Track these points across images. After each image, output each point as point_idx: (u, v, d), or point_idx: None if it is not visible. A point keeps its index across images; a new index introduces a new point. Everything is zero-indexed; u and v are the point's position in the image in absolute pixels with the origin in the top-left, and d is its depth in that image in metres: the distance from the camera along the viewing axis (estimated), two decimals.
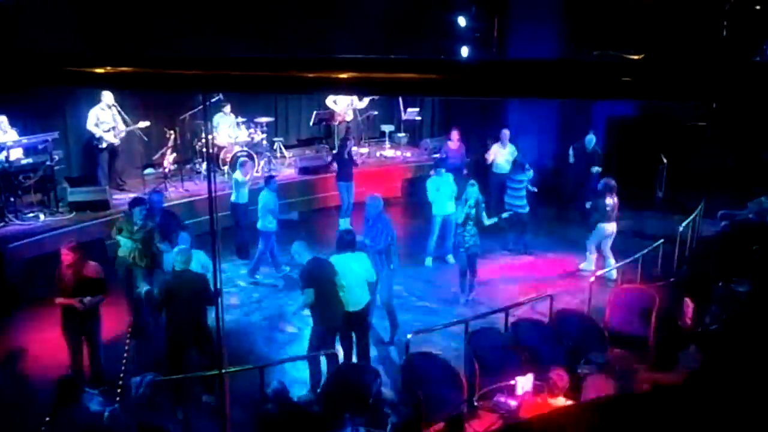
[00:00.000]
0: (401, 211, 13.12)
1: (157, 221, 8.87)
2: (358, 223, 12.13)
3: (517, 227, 11.33)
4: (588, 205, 10.65)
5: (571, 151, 12.43)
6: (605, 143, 13.34)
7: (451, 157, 12.22)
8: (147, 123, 11.94)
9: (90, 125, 11.48)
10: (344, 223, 12.34)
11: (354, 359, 7.66)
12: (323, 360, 7.46)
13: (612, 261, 10.26)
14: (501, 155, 12.39)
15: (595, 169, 12.07)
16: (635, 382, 6.63)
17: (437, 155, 13.01)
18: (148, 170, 12.88)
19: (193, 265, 7.51)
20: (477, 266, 9.70)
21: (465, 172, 11.90)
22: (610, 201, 10.14)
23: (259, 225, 10.28)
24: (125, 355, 7.50)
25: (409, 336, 7.45)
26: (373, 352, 8.34)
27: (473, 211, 9.42)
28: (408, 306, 9.35)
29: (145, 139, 12.05)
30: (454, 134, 12.78)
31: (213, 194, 3.69)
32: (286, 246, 8.25)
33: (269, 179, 10.50)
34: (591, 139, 12.23)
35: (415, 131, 15.82)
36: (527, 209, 11.22)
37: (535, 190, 11.32)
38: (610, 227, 10.25)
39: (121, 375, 7.07)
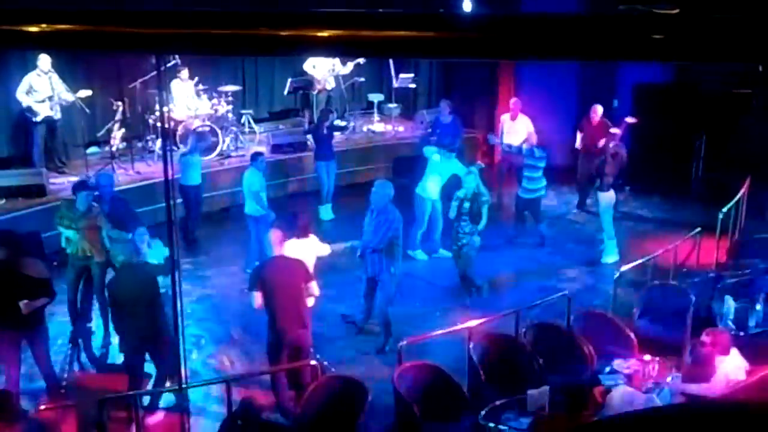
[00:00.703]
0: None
1: (105, 209, 8.82)
2: (341, 210, 12.17)
3: (531, 215, 11.41)
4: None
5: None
6: (632, 115, 13.36)
7: (442, 133, 12.16)
8: (89, 92, 11.88)
9: (20, 93, 11.38)
10: (325, 211, 12.34)
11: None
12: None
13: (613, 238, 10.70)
14: (511, 130, 12.41)
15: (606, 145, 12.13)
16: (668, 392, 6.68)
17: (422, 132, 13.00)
18: (92, 149, 12.81)
19: (152, 259, 7.54)
20: (472, 268, 9.68)
21: (455, 149, 11.75)
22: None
23: (246, 209, 10.38)
24: (67, 365, 7.49)
25: (401, 344, 7.46)
26: (361, 363, 8.36)
27: (468, 205, 9.42)
28: (399, 309, 9.34)
29: (88, 111, 11.97)
30: (445, 105, 12.71)
31: (170, 177, 3.67)
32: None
33: (256, 156, 10.54)
34: (596, 108, 12.27)
35: (409, 101, 15.81)
36: (544, 194, 11.28)
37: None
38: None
39: (62, 389, 7.07)
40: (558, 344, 7.63)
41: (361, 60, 13.91)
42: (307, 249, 8.07)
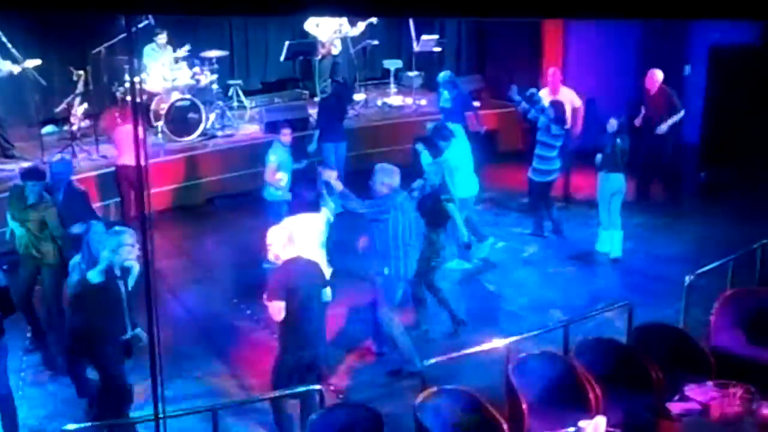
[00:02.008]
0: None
1: (59, 199, 8.89)
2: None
3: (543, 202, 11.60)
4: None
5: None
6: (709, 84, 13.30)
7: (444, 108, 12.16)
8: (38, 62, 11.88)
9: None
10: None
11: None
12: (292, 403, 7.52)
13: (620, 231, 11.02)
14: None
15: (665, 126, 12.19)
16: (753, 427, 6.64)
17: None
18: (48, 128, 12.91)
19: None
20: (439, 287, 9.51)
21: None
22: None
23: (264, 193, 10.55)
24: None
25: (425, 364, 7.47)
26: (375, 388, 8.38)
27: (429, 203, 9.37)
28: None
29: (43, 83, 12.05)
30: (446, 80, 12.66)
31: (144, 162, 3.69)
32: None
33: (277, 127, 10.75)
34: (654, 74, 12.28)
35: (432, 69, 15.77)
36: (555, 178, 11.51)
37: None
38: None
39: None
40: (617, 365, 7.61)
41: (374, 19, 13.93)
42: (320, 224, 8.48)
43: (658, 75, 12.27)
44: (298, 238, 7.81)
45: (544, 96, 12.51)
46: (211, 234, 11.75)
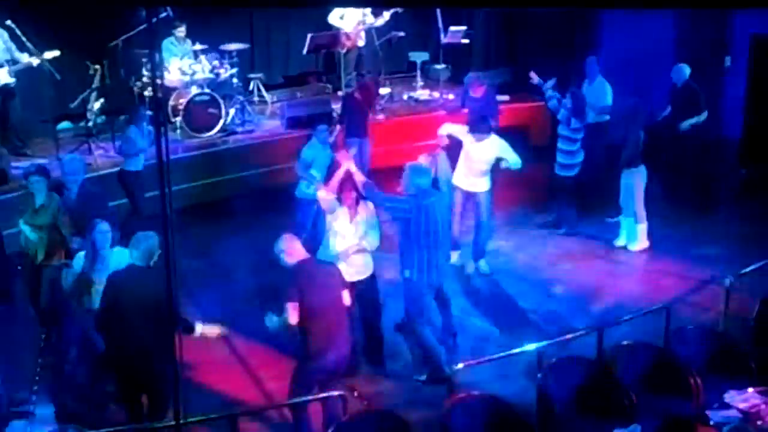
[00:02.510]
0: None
1: (71, 200, 8.92)
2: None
3: (566, 197, 11.66)
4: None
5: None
6: (750, 76, 13.20)
7: (471, 111, 12.12)
8: (56, 53, 11.96)
9: None
10: None
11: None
12: (314, 411, 7.53)
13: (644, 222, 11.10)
14: (588, 95, 12.39)
15: (687, 123, 12.19)
16: None
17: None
18: (64, 124, 12.96)
19: (115, 266, 7.68)
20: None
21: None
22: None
23: (297, 190, 10.68)
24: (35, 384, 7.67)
25: (454, 369, 7.48)
26: (400, 393, 8.42)
27: None
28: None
29: (58, 77, 12.10)
30: (474, 78, 12.59)
31: (165, 159, 3.69)
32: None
33: (316, 126, 10.79)
34: (681, 69, 12.28)
35: (460, 62, 15.77)
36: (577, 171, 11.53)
37: None
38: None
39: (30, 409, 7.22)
40: (653, 370, 7.59)
41: (400, 9, 13.93)
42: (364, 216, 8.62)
43: (685, 70, 12.25)
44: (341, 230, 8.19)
45: (584, 86, 12.53)
46: (230, 234, 11.76)
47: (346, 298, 7.61)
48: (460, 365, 7.55)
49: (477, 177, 10.47)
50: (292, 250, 7.48)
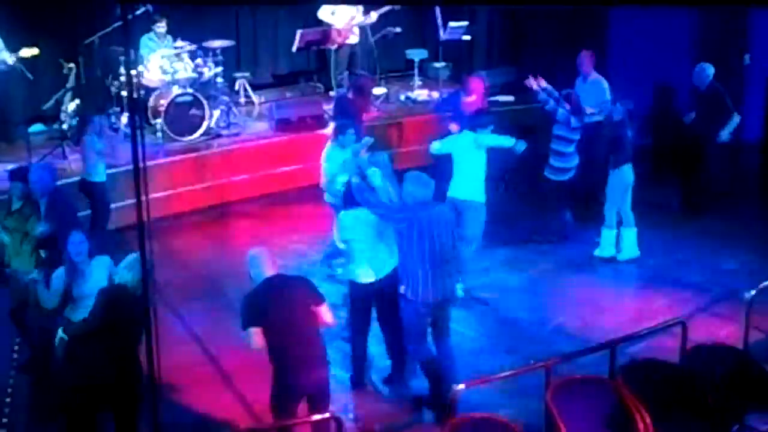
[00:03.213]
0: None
1: (41, 210, 8.82)
2: None
3: (558, 203, 11.67)
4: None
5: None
6: None
7: (457, 117, 12.04)
8: (35, 51, 11.94)
9: None
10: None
11: None
12: None
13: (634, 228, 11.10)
14: (582, 93, 12.33)
15: (725, 134, 12.12)
16: None
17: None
18: (36, 126, 12.96)
19: (96, 276, 7.68)
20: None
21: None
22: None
23: (326, 197, 10.63)
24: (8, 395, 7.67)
25: (456, 390, 7.42)
26: (396, 417, 8.42)
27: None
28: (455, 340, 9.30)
29: (30, 77, 12.11)
30: (475, 84, 12.49)
31: (141, 164, 3.69)
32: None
33: (340, 127, 10.56)
34: (704, 69, 12.20)
35: (461, 60, 15.77)
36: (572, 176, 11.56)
37: None
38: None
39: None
40: (669, 390, 7.53)
41: (396, 5, 13.89)
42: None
43: (708, 71, 12.12)
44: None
45: (578, 84, 12.51)
46: (216, 244, 11.73)
47: (328, 314, 7.50)
48: (461, 386, 7.48)
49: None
50: (263, 264, 7.42)
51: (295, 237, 11.76)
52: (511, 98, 14.79)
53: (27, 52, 11.82)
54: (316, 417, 7.38)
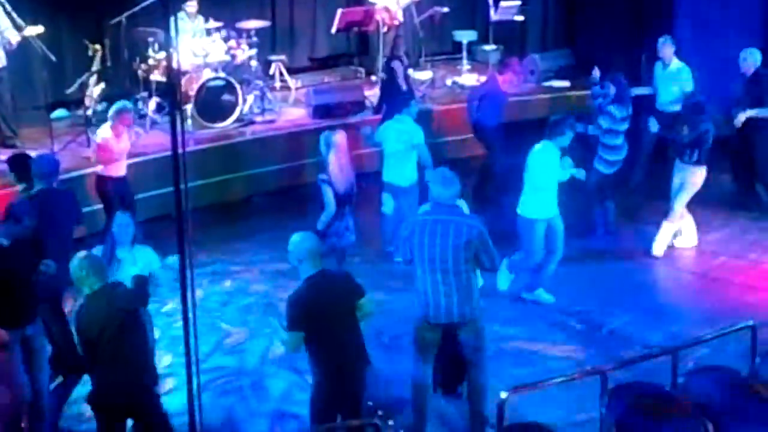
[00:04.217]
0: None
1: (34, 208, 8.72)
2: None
3: (599, 197, 11.67)
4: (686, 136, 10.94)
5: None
6: None
7: (489, 101, 12.09)
8: (40, 29, 11.86)
9: None
10: (388, 203, 12.26)
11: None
12: None
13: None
14: (663, 83, 12.38)
15: (740, 119, 11.95)
16: None
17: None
18: (59, 112, 13.06)
19: (135, 268, 7.60)
20: None
21: None
22: None
23: (384, 176, 10.92)
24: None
25: (503, 395, 7.39)
26: (440, 422, 8.35)
27: None
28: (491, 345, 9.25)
29: (53, 58, 12.14)
30: (512, 65, 12.58)
31: (181, 150, 3.70)
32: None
33: (405, 100, 10.80)
34: (750, 55, 12.09)
35: (513, 42, 15.72)
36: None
37: None
38: None
39: None
40: (737, 400, 7.45)
41: None
42: None
43: (753, 56, 12.05)
44: None
45: (657, 70, 12.43)
46: (248, 237, 11.75)
47: (370, 305, 7.42)
48: (504, 394, 7.42)
49: None
50: (303, 258, 7.33)
51: None
52: (566, 83, 14.70)
53: (32, 30, 11.74)
54: (355, 422, 7.38)
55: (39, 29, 11.87)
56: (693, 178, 10.94)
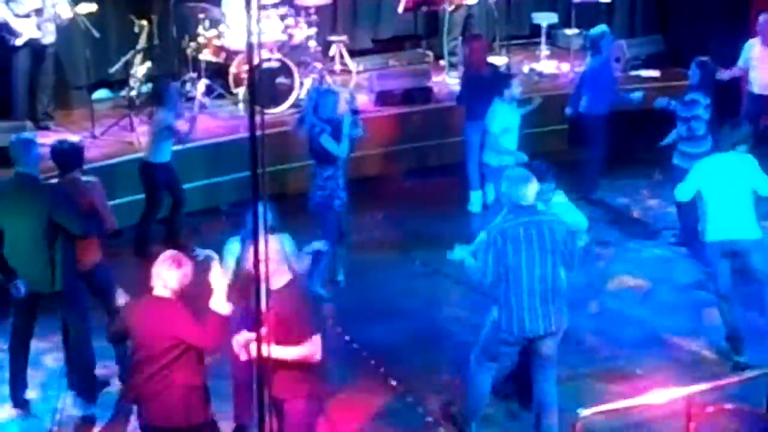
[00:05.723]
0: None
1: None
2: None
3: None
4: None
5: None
6: None
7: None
8: (93, 7, 12.06)
9: None
10: (476, 201, 12.27)
11: None
12: None
13: None
14: (762, 63, 12.36)
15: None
16: None
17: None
18: (101, 92, 13.23)
19: None
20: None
21: None
22: None
23: (484, 156, 11.28)
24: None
25: (581, 413, 7.40)
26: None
27: None
28: (572, 354, 9.27)
29: (96, 35, 12.28)
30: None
31: (260, 131, 3.81)
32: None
33: (504, 79, 11.20)
34: None
35: (597, 25, 15.63)
36: None
37: None
38: None
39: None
40: None
41: None
42: None
43: None
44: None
45: (753, 47, 12.37)
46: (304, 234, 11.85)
47: None
48: (586, 412, 7.44)
49: None
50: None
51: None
52: (656, 73, 14.63)
53: (85, 7, 11.87)
54: None
55: (92, 7, 11.97)
56: None
